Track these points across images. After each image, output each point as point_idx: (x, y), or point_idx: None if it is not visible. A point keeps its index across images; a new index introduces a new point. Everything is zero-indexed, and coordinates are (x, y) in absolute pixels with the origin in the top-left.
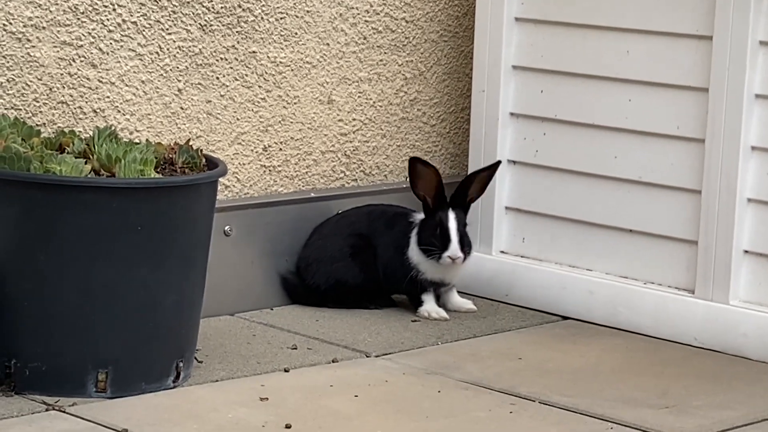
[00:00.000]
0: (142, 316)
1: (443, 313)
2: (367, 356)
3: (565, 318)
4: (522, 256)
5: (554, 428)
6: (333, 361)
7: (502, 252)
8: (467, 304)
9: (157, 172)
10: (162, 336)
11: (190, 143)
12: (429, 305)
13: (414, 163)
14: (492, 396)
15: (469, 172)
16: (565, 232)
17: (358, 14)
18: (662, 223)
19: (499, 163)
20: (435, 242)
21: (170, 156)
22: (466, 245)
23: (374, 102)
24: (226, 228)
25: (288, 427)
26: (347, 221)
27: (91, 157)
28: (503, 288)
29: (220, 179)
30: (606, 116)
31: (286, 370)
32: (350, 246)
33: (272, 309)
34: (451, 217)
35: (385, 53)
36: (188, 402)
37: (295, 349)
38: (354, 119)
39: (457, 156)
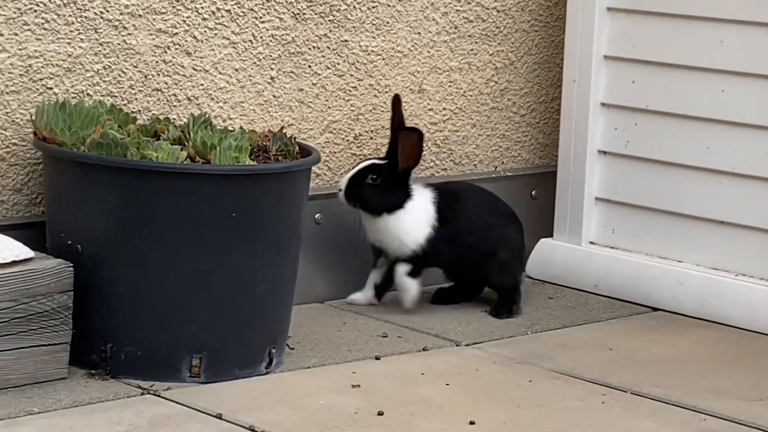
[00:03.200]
0: (236, 302)
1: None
2: (457, 345)
3: (654, 309)
4: (612, 247)
5: (647, 419)
6: (423, 350)
7: (592, 243)
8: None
9: (252, 160)
10: (255, 322)
11: (284, 131)
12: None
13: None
14: (583, 386)
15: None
16: (656, 223)
17: (449, 3)
18: (755, 214)
19: (421, 133)
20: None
21: (264, 143)
22: (365, 195)
23: (465, 91)
24: (316, 216)
25: (380, 414)
26: None
27: (186, 143)
28: (592, 279)
29: (312, 167)
30: (699, 107)
31: (377, 358)
32: None
33: None
34: (368, 161)
35: (476, 42)
36: (281, 388)
37: (386, 337)
38: (444, 108)
39: (547, 146)
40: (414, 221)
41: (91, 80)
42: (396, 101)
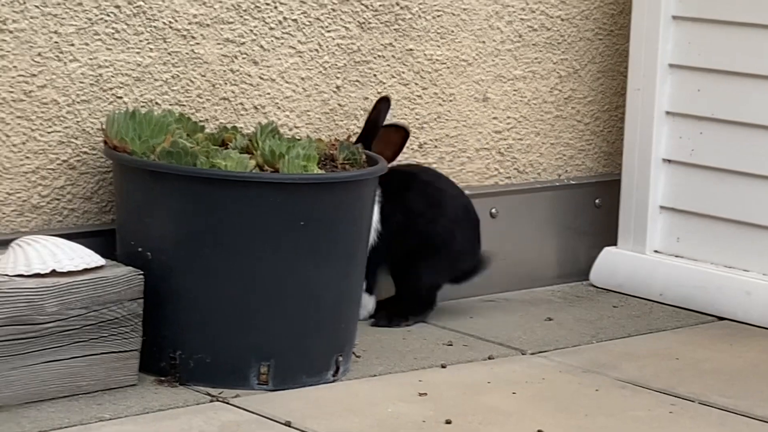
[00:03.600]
0: (304, 310)
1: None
2: (523, 353)
3: (720, 318)
4: (677, 256)
5: (716, 429)
6: (489, 358)
7: (657, 251)
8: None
9: (319, 168)
10: (323, 330)
11: (350, 140)
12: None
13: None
14: (651, 396)
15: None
16: (721, 231)
17: (514, 12)
18: None
19: (407, 132)
20: None
21: (331, 152)
22: None
23: (529, 100)
24: None
25: (448, 422)
26: None
27: (254, 152)
28: (657, 287)
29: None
30: (764, 115)
31: (443, 366)
32: None
33: None
34: None
35: (540, 51)
36: (348, 396)
37: (451, 345)
38: (508, 117)
39: (611, 154)
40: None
41: (159, 89)
42: (384, 102)
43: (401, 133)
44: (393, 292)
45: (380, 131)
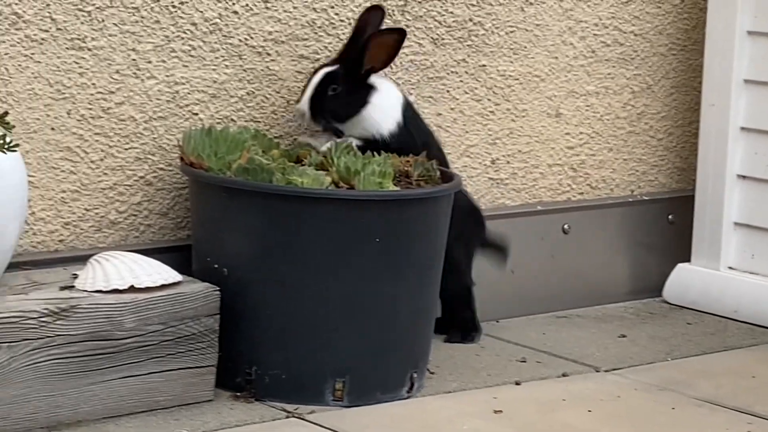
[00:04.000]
0: (379, 326)
1: None
2: (597, 371)
3: None
4: (751, 273)
5: None
6: (563, 375)
7: (731, 268)
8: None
9: (394, 185)
10: (398, 346)
11: (425, 156)
12: None
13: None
14: (728, 414)
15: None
16: None
17: (587, 27)
18: None
19: (403, 32)
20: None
21: (405, 169)
22: (329, 110)
23: (601, 115)
24: None
25: None
26: None
27: (329, 169)
28: (732, 304)
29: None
30: None
31: (517, 383)
32: None
33: (498, 321)
34: (324, 71)
35: (613, 66)
36: (423, 412)
37: (525, 362)
38: (581, 132)
39: (684, 170)
40: (381, 112)
41: (235, 106)
42: (373, 12)
43: (395, 35)
44: None
45: (375, 39)
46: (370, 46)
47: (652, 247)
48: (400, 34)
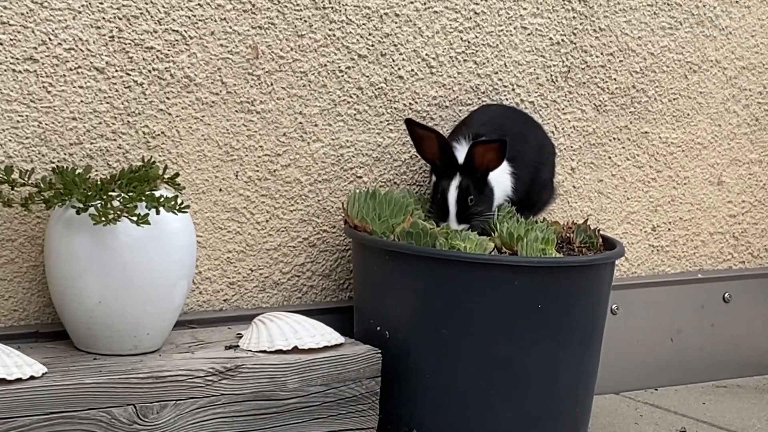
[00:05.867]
0: (540, 393)
1: None
2: None
3: None
4: None
5: None
6: None
7: None
8: None
9: (556, 251)
10: (558, 413)
11: (587, 223)
12: None
13: (410, 125)
14: None
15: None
16: None
17: (751, 96)
18: None
19: (504, 142)
20: (436, 210)
21: (568, 235)
22: (474, 213)
23: (764, 184)
24: (613, 306)
25: None
26: None
27: (492, 234)
28: None
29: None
30: None
31: None
32: None
33: (656, 389)
34: (453, 185)
35: None
36: None
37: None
38: (743, 201)
39: None
40: (501, 189)
41: (398, 169)
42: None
43: (432, 134)
44: None
45: (477, 148)
46: (478, 151)
47: None
48: (502, 145)
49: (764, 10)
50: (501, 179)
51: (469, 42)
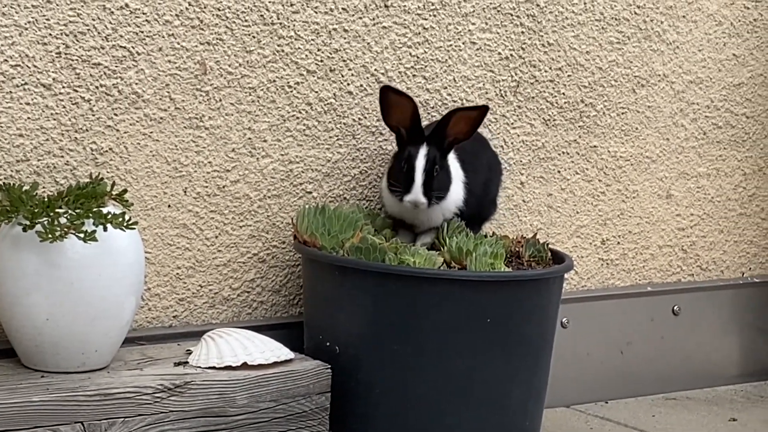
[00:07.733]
0: (491, 406)
1: None
2: None
3: None
4: None
5: None
6: None
7: None
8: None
9: (505, 266)
10: (509, 427)
11: (536, 237)
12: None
13: (385, 91)
14: None
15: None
16: None
17: (699, 110)
18: None
19: (486, 107)
20: (399, 181)
21: (517, 249)
22: (435, 188)
23: (712, 197)
24: (563, 320)
25: None
26: None
27: (441, 249)
28: None
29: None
30: None
31: None
32: None
33: (607, 402)
34: (421, 154)
35: (725, 148)
36: None
37: None
38: (692, 214)
39: None
40: (457, 185)
41: (348, 185)
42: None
43: (479, 110)
44: None
45: (459, 113)
46: (454, 119)
47: (763, 330)
48: (483, 111)
49: (711, 25)
50: (455, 189)
51: (418, 57)
